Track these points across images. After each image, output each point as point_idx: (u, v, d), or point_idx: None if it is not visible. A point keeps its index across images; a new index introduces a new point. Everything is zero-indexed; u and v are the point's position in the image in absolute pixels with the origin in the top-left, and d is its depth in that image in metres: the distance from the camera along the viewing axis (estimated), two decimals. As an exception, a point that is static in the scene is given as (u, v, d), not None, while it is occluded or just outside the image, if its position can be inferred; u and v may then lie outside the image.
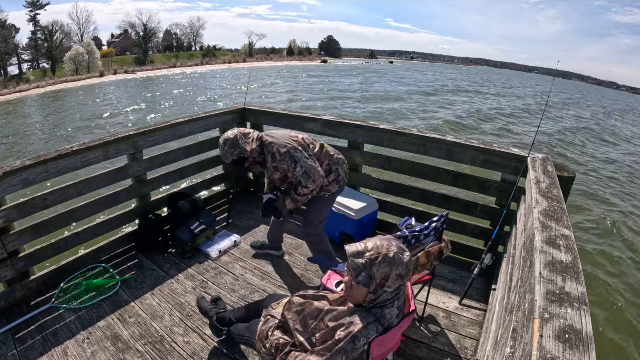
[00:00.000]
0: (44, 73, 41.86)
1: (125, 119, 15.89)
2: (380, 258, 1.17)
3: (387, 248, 1.19)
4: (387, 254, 1.18)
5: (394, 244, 1.21)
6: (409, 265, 1.20)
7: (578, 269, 1.08)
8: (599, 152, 12.99)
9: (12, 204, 2.12)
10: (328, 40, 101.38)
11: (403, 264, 1.19)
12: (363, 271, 1.17)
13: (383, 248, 1.19)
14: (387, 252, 1.18)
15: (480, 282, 2.47)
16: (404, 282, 1.21)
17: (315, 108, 17.08)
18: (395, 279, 1.18)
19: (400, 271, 1.18)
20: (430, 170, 2.77)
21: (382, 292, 1.19)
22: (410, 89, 28.32)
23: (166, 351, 1.92)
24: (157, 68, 47.79)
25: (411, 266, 1.21)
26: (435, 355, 1.96)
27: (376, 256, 1.17)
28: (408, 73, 51.88)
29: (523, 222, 1.84)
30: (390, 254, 1.18)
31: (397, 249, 1.20)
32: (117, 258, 2.73)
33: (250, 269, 2.65)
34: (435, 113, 17.33)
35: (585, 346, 0.81)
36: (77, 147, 2.34)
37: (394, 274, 1.17)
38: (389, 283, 1.17)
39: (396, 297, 1.24)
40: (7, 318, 2.11)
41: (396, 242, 1.24)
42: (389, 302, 1.22)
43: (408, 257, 1.20)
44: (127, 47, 58.90)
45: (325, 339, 1.24)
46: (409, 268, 1.21)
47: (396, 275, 1.18)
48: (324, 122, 3.11)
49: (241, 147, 2.09)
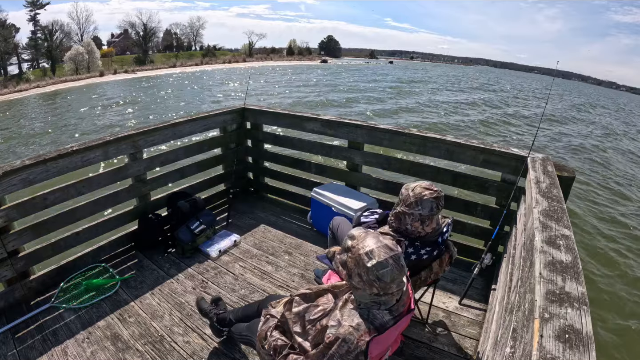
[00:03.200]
0: (44, 73, 41.88)
1: (125, 118, 15.90)
2: (354, 251, 1.22)
3: (364, 246, 1.20)
4: (358, 251, 1.20)
5: (377, 246, 1.19)
6: (370, 272, 1.16)
7: (578, 269, 1.07)
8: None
9: (12, 204, 2.12)
10: (328, 40, 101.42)
11: (364, 268, 1.17)
12: (343, 252, 1.26)
13: (361, 244, 1.21)
14: (359, 250, 1.20)
15: (480, 282, 2.47)
16: (368, 287, 1.18)
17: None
18: (358, 280, 1.20)
19: (360, 272, 1.18)
20: (430, 170, 2.76)
21: (354, 288, 1.24)
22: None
23: (166, 351, 1.92)
24: (157, 68, 47.80)
25: (372, 276, 1.16)
26: (435, 356, 1.96)
27: (355, 247, 1.23)
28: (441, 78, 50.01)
29: (523, 222, 1.84)
30: (360, 252, 1.20)
31: (371, 251, 1.18)
32: (117, 258, 2.73)
33: (250, 269, 2.65)
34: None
35: (585, 346, 0.81)
36: (77, 146, 2.34)
37: (355, 272, 1.20)
38: (355, 279, 1.21)
39: (382, 302, 1.22)
40: (7, 318, 2.11)
41: (384, 247, 1.20)
42: (373, 303, 1.22)
43: (372, 264, 1.16)
44: (127, 47, 58.93)
45: (317, 342, 1.24)
46: (370, 276, 1.16)
47: (357, 275, 1.19)
48: (324, 122, 3.11)
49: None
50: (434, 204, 1.66)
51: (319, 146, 3.31)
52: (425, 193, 1.66)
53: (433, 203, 1.66)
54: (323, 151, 3.28)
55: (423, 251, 1.75)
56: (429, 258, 1.77)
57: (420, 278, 1.79)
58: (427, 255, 1.76)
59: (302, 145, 3.42)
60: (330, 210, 2.88)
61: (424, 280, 1.81)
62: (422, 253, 1.75)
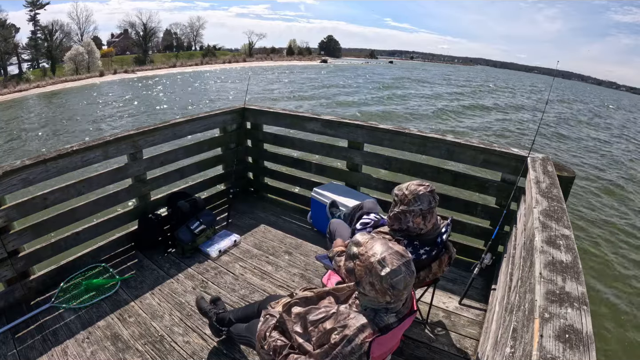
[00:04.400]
0: (44, 73, 41.87)
1: (124, 118, 15.89)
2: (363, 259, 1.21)
3: (374, 254, 1.20)
4: (369, 258, 1.20)
5: (388, 253, 1.19)
6: (384, 281, 1.16)
7: (578, 269, 1.07)
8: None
9: (12, 204, 2.12)
10: (328, 40, 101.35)
11: (377, 277, 1.16)
12: (349, 259, 1.26)
13: (371, 252, 1.21)
14: (370, 258, 1.20)
15: (480, 282, 2.47)
16: (381, 295, 1.18)
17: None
18: (370, 288, 1.19)
19: (373, 280, 1.18)
20: (430, 170, 2.76)
21: (363, 294, 1.23)
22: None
23: (166, 351, 1.92)
24: (157, 68, 47.78)
25: (387, 284, 1.16)
26: (435, 356, 1.96)
27: (363, 254, 1.22)
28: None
29: (523, 222, 1.84)
30: (371, 260, 1.19)
31: (383, 259, 1.18)
32: (117, 258, 2.73)
33: (250, 269, 2.65)
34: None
35: (585, 346, 0.81)
36: (77, 147, 2.34)
37: (367, 280, 1.19)
38: (366, 287, 1.20)
39: (389, 307, 1.23)
40: (7, 318, 2.11)
41: (396, 254, 1.20)
42: (382, 308, 1.22)
43: (386, 273, 1.15)
44: (127, 47, 58.90)
45: (322, 343, 1.24)
46: (384, 284, 1.16)
47: (368, 283, 1.19)
48: (324, 122, 3.11)
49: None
50: (430, 197, 1.70)
51: (319, 146, 3.31)
52: (420, 189, 1.71)
53: (430, 196, 1.70)
54: (323, 151, 3.28)
55: (422, 251, 1.75)
56: (427, 258, 1.77)
57: (418, 277, 1.79)
58: (426, 256, 1.76)
59: (302, 145, 3.42)
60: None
61: (422, 280, 1.81)
62: (421, 253, 1.75)
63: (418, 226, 1.71)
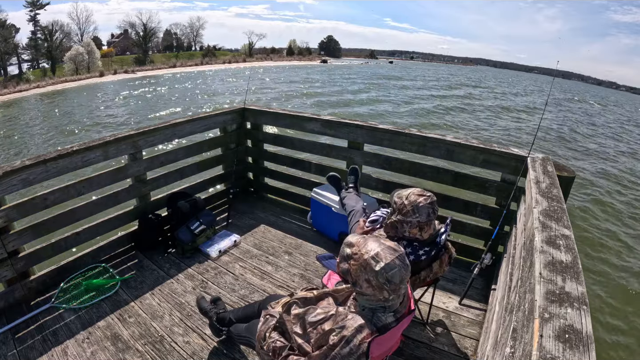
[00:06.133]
0: (44, 73, 41.88)
1: (124, 117, 15.90)
2: (357, 257, 1.22)
3: (367, 251, 1.20)
4: (362, 256, 1.20)
5: (381, 249, 1.20)
6: (380, 275, 1.16)
7: (578, 269, 1.07)
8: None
9: (12, 204, 2.12)
10: (328, 40, 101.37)
11: (373, 272, 1.17)
12: (344, 261, 1.26)
13: (364, 249, 1.21)
14: (363, 255, 1.20)
15: (480, 282, 2.47)
16: (378, 291, 1.18)
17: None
18: (367, 286, 1.19)
19: (368, 276, 1.18)
20: (430, 170, 2.77)
21: (360, 294, 1.23)
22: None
23: (166, 351, 1.92)
24: (157, 68, 47.78)
25: (382, 279, 1.16)
26: (435, 356, 1.96)
27: (357, 254, 1.22)
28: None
29: (523, 222, 1.84)
30: (365, 257, 1.19)
31: (376, 254, 1.18)
32: (117, 258, 2.73)
33: (250, 269, 2.65)
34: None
35: (585, 346, 0.81)
36: (77, 147, 2.34)
37: (363, 278, 1.19)
38: (363, 285, 1.20)
39: (387, 306, 1.23)
40: (7, 318, 2.11)
41: (388, 249, 1.20)
42: (380, 307, 1.23)
43: (381, 267, 1.15)
44: (127, 47, 58.91)
45: (320, 344, 1.24)
46: (380, 279, 1.16)
47: (365, 281, 1.19)
48: (324, 122, 3.11)
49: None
50: (430, 209, 1.67)
51: (319, 146, 3.31)
52: (420, 200, 1.66)
53: (429, 209, 1.67)
54: (323, 151, 3.28)
55: (421, 252, 1.75)
56: (427, 259, 1.77)
57: (419, 277, 1.80)
58: (426, 256, 1.76)
59: (302, 145, 3.42)
60: (330, 210, 2.88)
61: (423, 280, 1.81)
62: (421, 254, 1.75)
63: (414, 236, 1.71)
